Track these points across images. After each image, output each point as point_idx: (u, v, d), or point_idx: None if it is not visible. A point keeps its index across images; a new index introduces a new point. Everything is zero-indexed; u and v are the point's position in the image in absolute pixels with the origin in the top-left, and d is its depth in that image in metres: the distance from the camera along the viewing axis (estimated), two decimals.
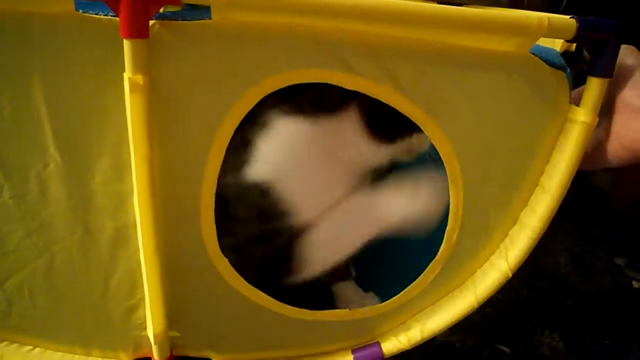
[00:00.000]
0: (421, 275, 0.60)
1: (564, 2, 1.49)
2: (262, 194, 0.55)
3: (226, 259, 0.57)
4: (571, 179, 0.55)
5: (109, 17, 0.45)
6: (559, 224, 0.57)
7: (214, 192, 0.53)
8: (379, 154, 0.61)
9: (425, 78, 0.51)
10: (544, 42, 0.55)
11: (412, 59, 0.50)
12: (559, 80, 0.53)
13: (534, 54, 0.51)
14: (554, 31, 0.48)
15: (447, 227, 0.57)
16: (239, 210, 0.57)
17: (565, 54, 0.57)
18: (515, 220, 0.58)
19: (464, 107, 0.53)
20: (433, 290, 0.62)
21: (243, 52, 0.48)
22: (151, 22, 0.45)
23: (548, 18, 0.47)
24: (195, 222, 0.54)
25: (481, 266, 0.60)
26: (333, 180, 0.59)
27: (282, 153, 0.56)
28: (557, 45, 0.58)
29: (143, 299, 0.56)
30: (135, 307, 0.57)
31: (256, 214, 0.57)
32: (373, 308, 0.62)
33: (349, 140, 0.59)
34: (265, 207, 0.56)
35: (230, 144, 0.50)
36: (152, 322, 0.55)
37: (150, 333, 0.56)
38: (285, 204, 0.56)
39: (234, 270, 0.57)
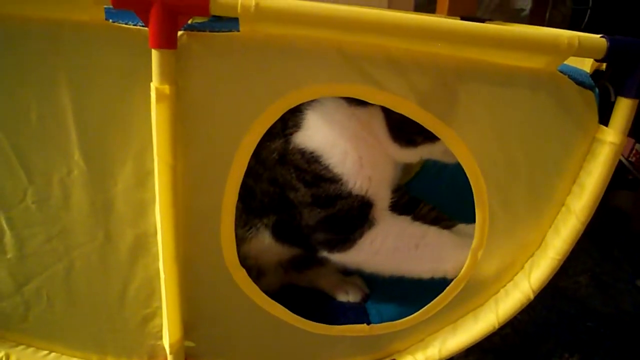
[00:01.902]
0: (443, 292, 0.59)
1: (586, 18, 1.48)
2: (313, 158, 0.59)
3: (244, 270, 0.56)
4: (598, 200, 0.53)
5: (138, 27, 0.45)
6: (579, 244, 0.56)
7: (235, 202, 0.53)
8: (404, 154, 0.63)
9: (450, 94, 0.50)
10: (573, 62, 0.55)
11: (437, 75, 0.50)
12: (587, 99, 0.52)
13: (562, 72, 0.51)
14: (584, 50, 0.47)
15: (472, 245, 0.57)
16: (297, 169, 0.60)
17: (595, 73, 0.56)
18: (541, 241, 0.57)
19: (489, 124, 0.52)
20: (454, 309, 0.61)
21: (269, 65, 0.48)
22: (179, 33, 0.46)
23: (578, 37, 0.46)
24: (215, 232, 0.54)
25: (504, 286, 0.59)
26: (372, 159, 0.62)
27: (327, 124, 0.60)
28: (587, 64, 0.57)
29: (160, 307, 0.56)
30: (152, 315, 0.57)
31: (311, 177, 0.60)
32: (391, 324, 0.61)
33: (378, 134, 0.61)
34: (317, 171, 0.60)
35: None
36: (168, 331, 0.55)
37: (166, 342, 0.56)
38: (334, 172, 0.59)
39: (251, 281, 0.57)
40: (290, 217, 0.64)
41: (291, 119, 0.60)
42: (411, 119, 0.51)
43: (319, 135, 0.60)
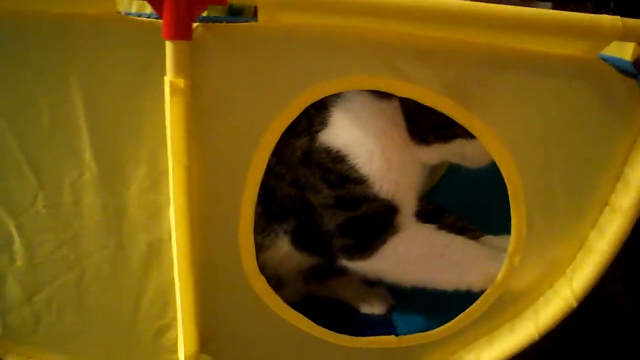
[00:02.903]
0: (477, 301, 0.55)
1: None
2: (339, 157, 0.57)
3: (264, 278, 0.53)
4: None
5: (152, 19, 0.44)
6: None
7: (254, 205, 0.50)
8: (421, 153, 0.60)
9: (483, 85, 0.47)
10: (612, 50, 0.51)
11: (468, 64, 0.47)
12: (630, 88, 0.48)
13: (602, 59, 0.47)
14: (628, 33, 0.43)
15: (509, 250, 0.53)
16: (322, 168, 0.58)
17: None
18: (582, 243, 0.53)
19: (525, 117, 0.49)
20: (490, 319, 0.56)
21: (290, 57, 0.46)
22: (194, 25, 0.44)
23: (621, 19, 0.43)
24: (233, 238, 0.51)
25: (544, 293, 0.55)
26: (400, 162, 0.59)
27: (353, 122, 0.58)
28: (626, 53, 0.53)
29: (175, 318, 0.53)
30: (167, 327, 0.54)
31: (336, 177, 0.58)
32: (422, 335, 0.57)
33: (402, 131, 0.59)
34: (342, 171, 0.57)
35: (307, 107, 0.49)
36: (183, 344, 0.52)
37: (181, 356, 0.53)
38: (360, 173, 0.57)
39: (271, 290, 0.54)
40: (310, 222, 0.61)
41: (317, 116, 0.58)
42: (424, 115, 0.50)
43: (345, 133, 0.57)
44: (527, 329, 0.54)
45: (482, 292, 0.55)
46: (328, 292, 0.74)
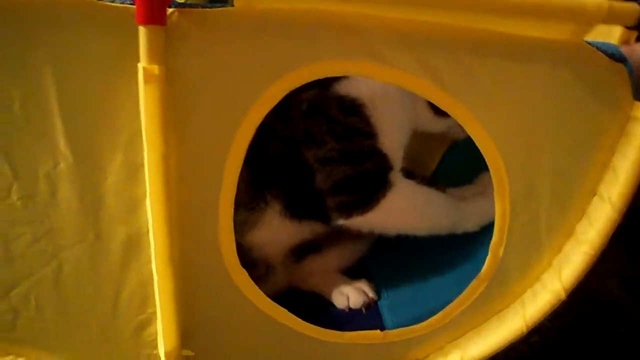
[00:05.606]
0: (462, 294, 0.54)
1: None
2: (354, 108, 0.59)
3: (245, 272, 0.52)
4: (636, 187, 0.48)
5: (125, 5, 0.43)
6: (606, 246, 0.50)
7: (234, 196, 0.49)
8: (436, 124, 0.67)
9: (466, 70, 0.46)
10: (599, 34, 0.50)
11: (451, 49, 0.46)
12: (619, 73, 0.47)
13: (589, 44, 0.46)
14: (614, 16, 0.43)
15: (492, 240, 0.52)
16: (330, 120, 0.60)
17: None
18: (570, 233, 0.52)
19: (508, 104, 0.48)
20: (476, 312, 0.55)
21: (268, 43, 0.45)
22: (169, 11, 0.42)
23: (608, 1, 0.42)
24: (213, 230, 0.50)
25: (531, 286, 0.54)
26: (404, 122, 0.65)
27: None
28: (614, 38, 0.52)
29: (155, 313, 0.52)
30: (147, 322, 0.53)
31: (344, 129, 0.60)
32: (408, 330, 0.56)
33: (416, 99, 0.63)
34: (353, 124, 0.60)
35: None
36: (164, 339, 0.51)
37: (161, 351, 0.52)
38: (372, 126, 0.60)
39: (253, 283, 0.53)
40: (303, 182, 0.62)
41: None
42: None
43: (367, 84, 0.59)
44: (515, 322, 0.53)
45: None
46: (307, 285, 0.74)
